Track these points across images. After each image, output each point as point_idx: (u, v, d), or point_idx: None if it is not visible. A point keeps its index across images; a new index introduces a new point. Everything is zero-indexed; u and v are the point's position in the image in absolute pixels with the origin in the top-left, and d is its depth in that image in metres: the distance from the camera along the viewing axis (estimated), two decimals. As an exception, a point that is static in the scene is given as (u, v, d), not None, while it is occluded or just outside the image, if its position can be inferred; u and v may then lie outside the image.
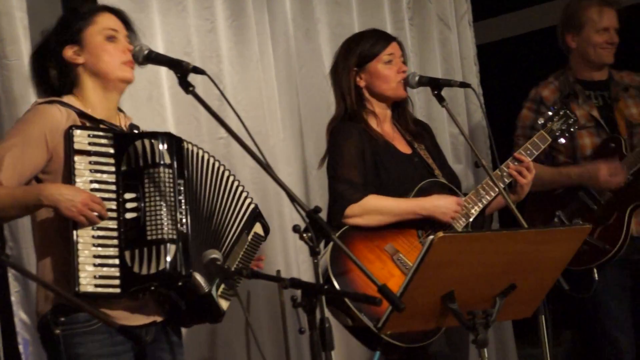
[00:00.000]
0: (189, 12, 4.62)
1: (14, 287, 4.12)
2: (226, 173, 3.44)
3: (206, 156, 3.39)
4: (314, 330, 2.92)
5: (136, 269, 3.13)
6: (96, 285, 3.10)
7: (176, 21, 4.59)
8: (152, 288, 3.17)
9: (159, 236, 3.15)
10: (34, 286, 3.75)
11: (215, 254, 3.16)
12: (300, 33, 5.05)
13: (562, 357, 4.92)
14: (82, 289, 3.08)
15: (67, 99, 3.29)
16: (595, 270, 4.65)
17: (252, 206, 3.50)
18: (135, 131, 3.34)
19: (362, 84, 4.09)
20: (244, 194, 3.48)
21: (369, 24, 4.90)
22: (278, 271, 4.61)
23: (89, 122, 3.26)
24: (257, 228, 3.53)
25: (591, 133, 4.82)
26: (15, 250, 4.13)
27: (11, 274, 4.11)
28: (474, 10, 5.91)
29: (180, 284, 3.18)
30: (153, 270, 3.13)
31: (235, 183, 3.46)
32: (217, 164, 3.42)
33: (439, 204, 3.92)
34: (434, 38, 5.63)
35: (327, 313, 2.98)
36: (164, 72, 4.42)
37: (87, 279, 3.09)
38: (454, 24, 5.74)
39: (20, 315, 4.12)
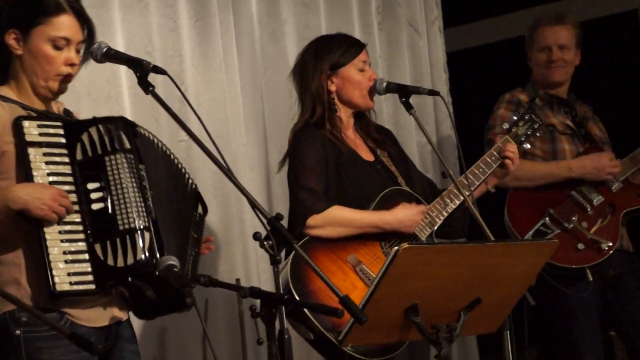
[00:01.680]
0: (151, 9, 4.55)
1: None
2: (173, 157, 3.37)
3: (155, 140, 3.31)
4: (273, 342, 2.87)
5: (110, 261, 3.02)
6: (71, 283, 2.99)
7: (138, 18, 4.50)
8: (129, 281, 3.04)
9: (132, 225, 3.05)
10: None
11: (171, 260, 3.05)
12: (266, 34, 5.00)
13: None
14: (59, 287, 2.96)
15: (3, 91, 3.16)
16: (588, 271, 4.63)
17: (194, 186, 3.43)
18: (72, 117, 3.25)
19: (332, 88, 4.05)
20: (187, 175, 3.41)
21: (337, 27, 4.84)
22: (237, 279, 4.54)
23: (34, 113, 3.15)
24: (199, 208, 3.45)
25: (569, 141, 4.81)
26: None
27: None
28: (445, 16, 5.88)
29: (157, 273, 3.03)
30: (130, 260, 3.02)
31: (178, 162, 3.39)
32: (163, 146, 3.34)
33: (402, 219, 3.88)
34: (403, 44, 5.59)
35: (287, 324, 2.93)
36: (123, 71, 4.34)
37: (61, 277, 2.97)
38: (424, 30, 5.71)
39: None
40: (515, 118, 4.25)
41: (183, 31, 4.65)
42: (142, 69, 3.09)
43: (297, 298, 3.64)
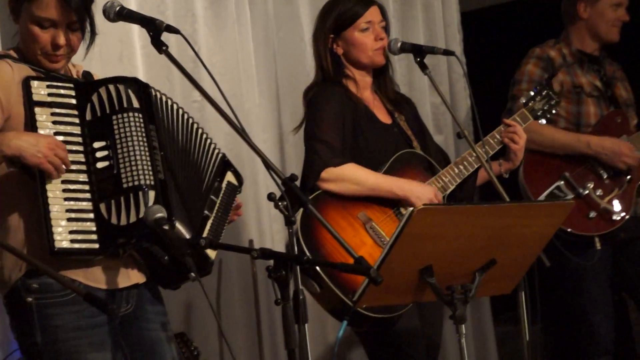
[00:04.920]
0: (164, -32, 4.50)
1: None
2: (192, 122, 3.32)
3: (173, 104, 3.26)
4: (287, 302, 2.84)
5: (114, 220, 2.96)
6: (72, 241, 2.93)
7: (150, -23, 4.46)
8: (134, 241, 2.99)
9: (136, 182, 2.98)
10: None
11: (160, 213, 2.92)
12: (279, -6, 4.95)
13: (542, 335, 4.88)
14: (58, 244, 2.90)
15: (13, 52, 3.12)
16: (597, 239, 4.62)
17: (220, 154, 3.38)
18: (91, 79, 3.21)
19: (339, 51, 4.02)
20: (212, 144, 3.36)
21: (350, -14, 4.77)
22: (251, 241, 4.53)
23: (44, 74, 3.10)
24: (230, 177, 3.39)
25: (595, 103, 4.78)
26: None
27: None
28: (459, -25, 5.82)
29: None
30: (133, 219, 2.96)
31: (202, 132, 3.34)
32: (183, 112, 3.29)
33: (415, 189, 3.85)
34: (417, 3, 5.56)
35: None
36: (136, 30, 4.31)
37: (62, 235, 2.91)
38: (438, -11, 5.65)
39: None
40: (532, 93, 4.24)
41: (196, -10, 4.62)
42: (155, 28, 3.05)
43: (308, 254, 3.61)
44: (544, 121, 4.24)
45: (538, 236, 3.36)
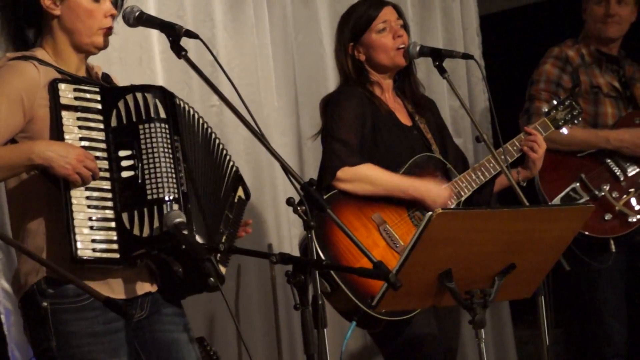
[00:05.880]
0: (183, -27, 4.51)
1: (-5, 255, 4.02)
2: (211, 132, 3.31)
3: (195, 114, 3.26)
4: (306, 307, 2.85)
5: (136, 231, 2.96)
6: (94, 250, 2.93)
7: (169, -18, 4.47)
8: (155, 252, 2.99)
9: (160, 195, 2.98)
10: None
11: (180, 218, 2.95)
12: (297, -3, 4.95)
13: (562, 339, 4.87)
14: (81, 253, 2.90)
15: (39, 53, 3.11)
16: (612, 242, 4.60)
17: (234, 168, 3.38)
18: (111, 82, 3.21)
19: (362, 57, 4.02)
20: (228, 157, 3.36)
21: (369, -10, 4.77)
22: (269, 245, 4.53)
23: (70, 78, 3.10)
24: (240, 192, 3.39)
25: (613, 104, 4.76)
26: (-3, 216, 4.02)
27: (-7, 241, 3.99)
28: (478, -22, 5.80)
29: (184, 246, 2.94)
30: (156, 232, 2.96)
31: (220, 144, 3.33)
32: (203, 122, 3.29)
33: (432, 190, 3.85)
34: (435, 6, 5.54)
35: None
36: (155, 35, 4.32)
37: (85, 243, 2.91)
38: (457, -8, 5.64)
39: (2, 284, 4.03)
40: (555, 102, 4.22)
41: (214, -5, 4.64)
42: (174, 33, 3.07)
43: (323, 257, 3.61)
44: (565, 130, 4.22)
45: (558, 240, 3.35)
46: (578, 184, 4.66)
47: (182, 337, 3.19)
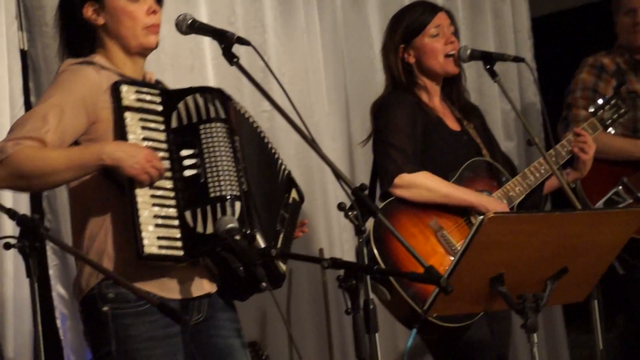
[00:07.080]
0: (234, -20, 4.55)
1: (52, 260, 4.09)
2: (264, 135, 3.35)
3: (250, 117, 3.29)
4: (357, 312, 2.84)
5: (199, 229, 2.99)
6: (160, 247, 2.95)
7: (221, -11, 4.51)
8: (218, 249, 3.00)
9: (223, 192, 3.01)
10: (72, 260, 3.68)
11: (232, 223, 2.97)
12: (348, 3, 5.00)
13: (616, 343, 4.82)
14: (147, 250, 2.92)
15: (98, 59, 3.15)
16: None
17: (287, 171, 3.40)
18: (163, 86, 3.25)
19: (411, 60, 4.01)
20: (280, 159, 3.39)
21: (419, -7, 4.77)
22: (321, 250, 4.54)
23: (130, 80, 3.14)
24: (294, 194, 3.42)
25: None
26: (53, 223, 4.10)
27: (50, 247, 4.05)
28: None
29: (235, 251, 2.95)
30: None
31: (272, 147, 3.37)
32: (257, 125, 3.32)
33: (488, 202, 3.83)
34: (486, 9, 5.53)
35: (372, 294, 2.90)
36: (207, 42, 4.36)
37: (150, 240, 2.94)
38: (508, -5, 5.62)
39: (58, 290, 4.09)
40: (601, 102, 4.20)
41: (265, 1, 4.65)
42: (226, 41, 3.07)
43: (381, 262, 3.61)
44: (612, 130, 4.20)
45: (610, 244, 3.32)
46: (620, 187, 4.63)
47: (236, 342, 3.21)
